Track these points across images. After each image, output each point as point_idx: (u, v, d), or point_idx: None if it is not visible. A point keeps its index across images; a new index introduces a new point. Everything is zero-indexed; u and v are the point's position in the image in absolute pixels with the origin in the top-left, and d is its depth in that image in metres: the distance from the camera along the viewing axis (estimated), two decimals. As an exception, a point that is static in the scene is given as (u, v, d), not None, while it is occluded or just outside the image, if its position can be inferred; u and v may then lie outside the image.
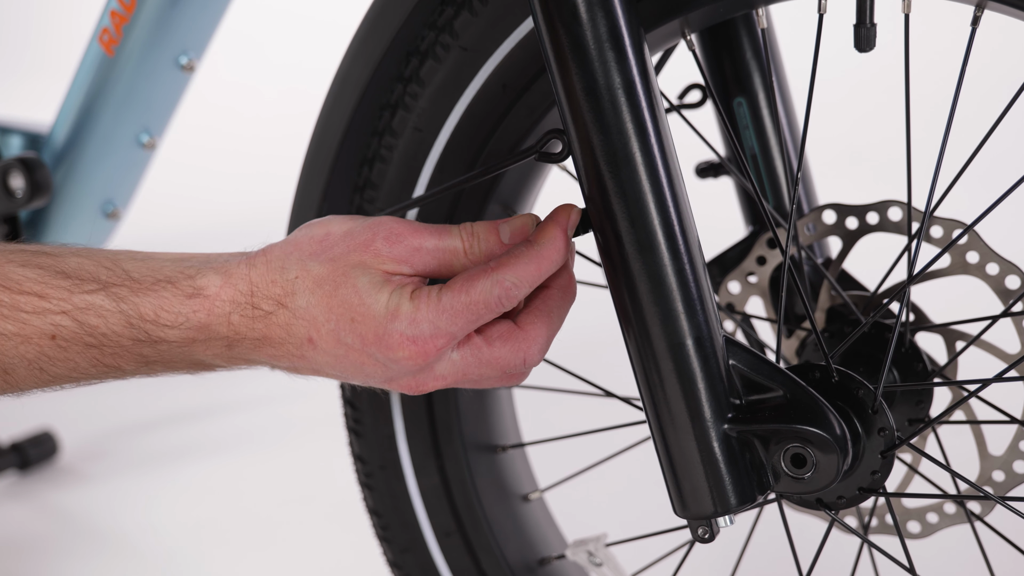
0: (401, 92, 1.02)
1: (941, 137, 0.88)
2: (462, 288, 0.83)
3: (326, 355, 0.85)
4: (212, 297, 0.84)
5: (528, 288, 0.84)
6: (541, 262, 0.84)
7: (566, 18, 0.80)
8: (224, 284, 0.84)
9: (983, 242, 0.97)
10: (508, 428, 1.18)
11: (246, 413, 2.16)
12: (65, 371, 0.84)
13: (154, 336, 0.84)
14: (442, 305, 0.83)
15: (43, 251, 0.84)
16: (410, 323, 0.83)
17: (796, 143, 1.17)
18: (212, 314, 0.84)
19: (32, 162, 1.44)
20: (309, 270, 0.84)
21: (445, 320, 0.83)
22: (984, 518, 1.02)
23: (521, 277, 0.84)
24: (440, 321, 0.83)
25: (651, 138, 0.81)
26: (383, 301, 0.83)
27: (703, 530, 0.85)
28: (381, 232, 0.84)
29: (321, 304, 0.84)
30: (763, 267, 1.09)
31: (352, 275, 0.83)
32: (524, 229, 0.86)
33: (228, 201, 3.25)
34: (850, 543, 1.22)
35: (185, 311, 0.83)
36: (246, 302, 0.84)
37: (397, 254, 0.84)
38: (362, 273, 0.83)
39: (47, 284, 0.82)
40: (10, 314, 0.81)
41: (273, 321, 0.84)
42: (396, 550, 1.17)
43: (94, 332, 0.82)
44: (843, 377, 0.86)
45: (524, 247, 0.85)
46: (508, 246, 0.85)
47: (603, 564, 1.08)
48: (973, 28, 0.85)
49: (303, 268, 0.84)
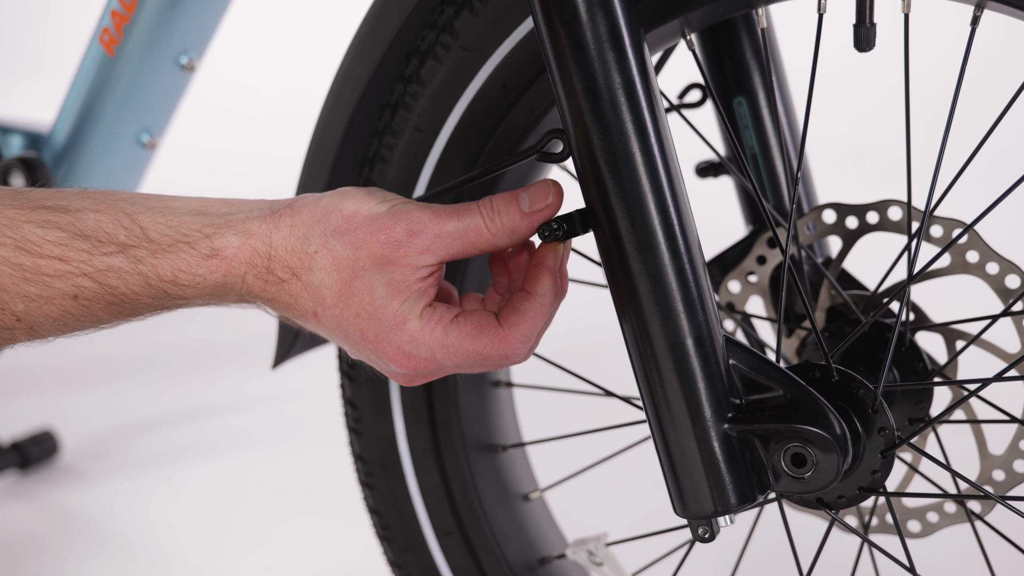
0: (401, 92, 1.02)
1: (941, 137, 0.88)
2: (471, 335, 0.84)
3: (325, 330, 0.86)
4: (230, 258, 0.84)
5: (535, 341, 0.86)
6: (545, 314, 0.86)
7: (566, 18, 0.80)
8: (243, 245, 0.84)
9: (983, 241, 0.97)
10: (508, 427, 1.18)
11: (246, 412, 2.16)
12: (88, 323, 0.86)
13: (172, 294, 0.85)
14: (447, 340, 0.84)
15: (61, 206, 0.84)
16: (410, 340, 0.83)
17: (796, 143, 1.17)
18: (229, 274, 0.84)
19: (33, 162, 1.44)
20: (330, 249, 0.84)
21: (444, 354, 0.84)
22: (984, 517, 1.02)
23: (526, 335, 0.85)
24: (439, 352, 0.84)
25: (651, 138, 0.81)
26: (393, 308, 0.83)
27: (703, 530, 0.85)
28: (403, 223, 0.83)
29: (333, 288, 0.84)
30: (763, 266, 1.09)
31: (370, 271, 0.83)
32: (543, 195, 0.85)
33: (228, 202, 3.25)
34: (850, 543, 1.22)
35: (203, 271, 0.84)
36: (263, 266, 0.84)
37: (420, 245, 0.83)
38: (379, 272, 0.83)
39: (68, 247, 0.83)
40: (33, 277, 0.83)
41: (285, 289, 0.85)
42: (396, 549, 1.17)
43: (114, 292, 0.84)
44: (843, 376, 0.86)
45: (526, 302, 0.85)
46: (529, 215, 0.85)
47: (603, 563, 1.08)
48: (973, 28, 0.85)
49: (324, 245, 0.84)
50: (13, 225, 0.83)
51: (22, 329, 0.85)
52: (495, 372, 1.15)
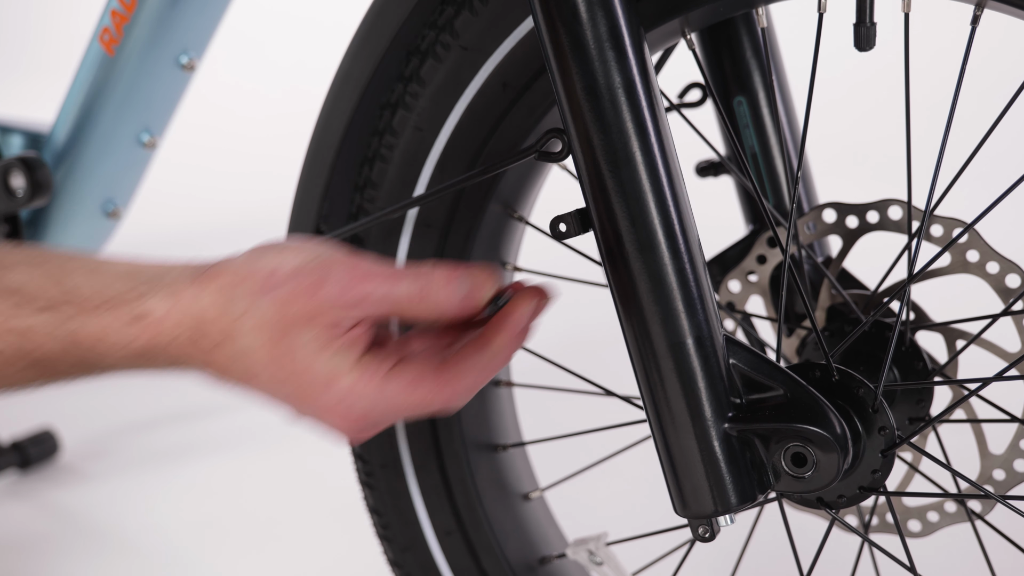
0: (402, 91, 1.02)
1: (941, 136, 0.88)
2: (410, 386, 0.81)
3: (264, 393, 0.83)
4: (156, 323, 0.81)
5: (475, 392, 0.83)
6: (493, 369, 0.82)
7: (566, 17, 0.80)
8: (171, 309, 0.80)
9: (983, 241, 0.97)
10: (509, 427, 1.18)
11: (247, 412, 2.15)
12: (7, 384, 0.83)
13: (93, 358, 0.82)
14: (385, 394, 0.80)
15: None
16: (345, 397, 0.80)
17: (796, 142, 1.17)
18: (155, 339, 0.81)
19: (33, 161, 1.44)
20: (256, 309, 0.80)
21: (382, 408, 0.81)
22: (985, 517, 1.02)
23: (470, 387, 0.82)
24: (377, 407, 0.81)
25: (651, 137, 0.81)
26: (323, 364, 0.80)
27: (703, 529, 0.85)
28: (331, 276, 0.80)
29: (263, 350, 0.80)
30: (763, 266, 1.09)
31: (298, 328, 0.79)
32: (481, 290, 0.83)
33: (228, 201, 3.25)
34: (851, 542, 1.22)
35: (129, 335, 0.81)
36: (192, 329, 0.81)
37: (346, 301, 0.80)
38: (305, 328, 0.79)
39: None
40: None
41: (217, 353, 0.81)
42: (397, 549, 1.17)
43: (36, 352, 0.81)
44: (843, 376, 0.86)
45: (476, 353, 0.82)
46: (462, 302, 0.82)
47: (604, 563, 1.08)
48: (973, 27, 0.85)
49: (251, 305, 0.80)
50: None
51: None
52: (495, 372, 1.15)
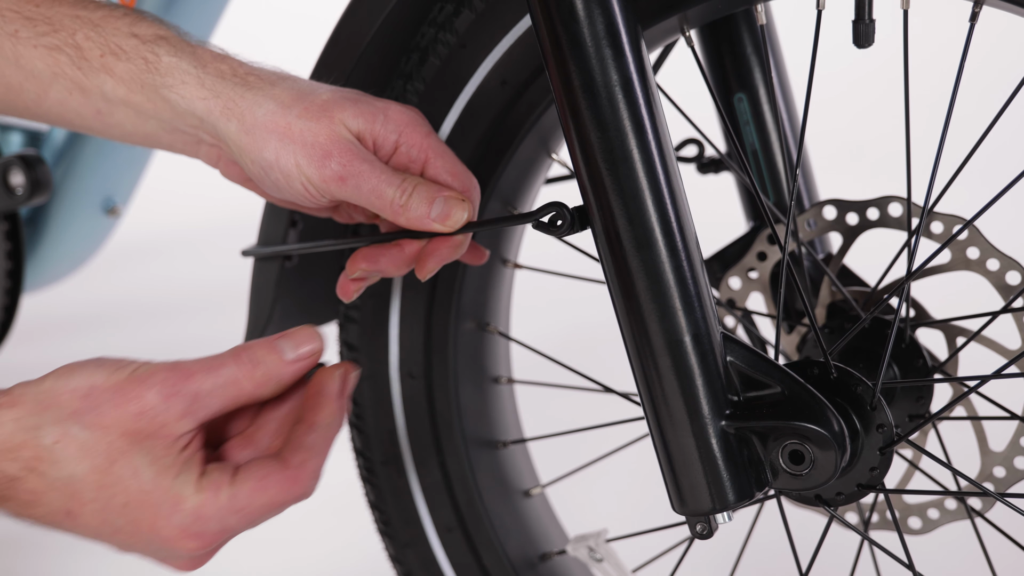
0: (401, 89, 1.02)
1: (940, 132, 0.88)
2: (258, 489, 0.77)
3: (85, 528, 0.76)
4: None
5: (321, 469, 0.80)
6: (330, 442, 0.80)
7: (563, 15, 0.80)
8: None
9: (983, 238, 0.97)
10: (509, 424, 1.18)
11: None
12: None
13: None
14: (236, 504, 0.76)
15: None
16: (195, 519, 0.76)
17: (796, 139, 1.17)
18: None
19: (32, 159, 1.44)
20: (73, 435, 0.73)
21: (236, 519, 0.77)
22: (985, 514, 1.01)
23: (317, 470, 0.79)
24: (230, 520, 0.77)
25: (648, 135, 0.81)
26: (165, 488, 0.75)
27: (702, 526, 0.85)
28: (154, 388, 0.75)
29: (89, 479, 0.74)
30: (763, 263, 1.09)
31: (129, 451, 0.74)
32: (309, 339, 0.79)
33: (228, 200, 3.24)
34: (850, 540, 1.22)
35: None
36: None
37: (177, 410, 0.75)
38: (139, 450, 0.74)
39: None
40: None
41: (20, 487, 0.74)
42: (397, 545, 1.17)
43: None
44: (842, 373, 0.86)
45: (310, 435, 0.79)
46: (294, 362, 0.79)
47: (604, 559, 1.08)
48: (972, 24, 0.85)
49: (65, 432, 0.73)
50: None
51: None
52: (495, 368, 1.15)
